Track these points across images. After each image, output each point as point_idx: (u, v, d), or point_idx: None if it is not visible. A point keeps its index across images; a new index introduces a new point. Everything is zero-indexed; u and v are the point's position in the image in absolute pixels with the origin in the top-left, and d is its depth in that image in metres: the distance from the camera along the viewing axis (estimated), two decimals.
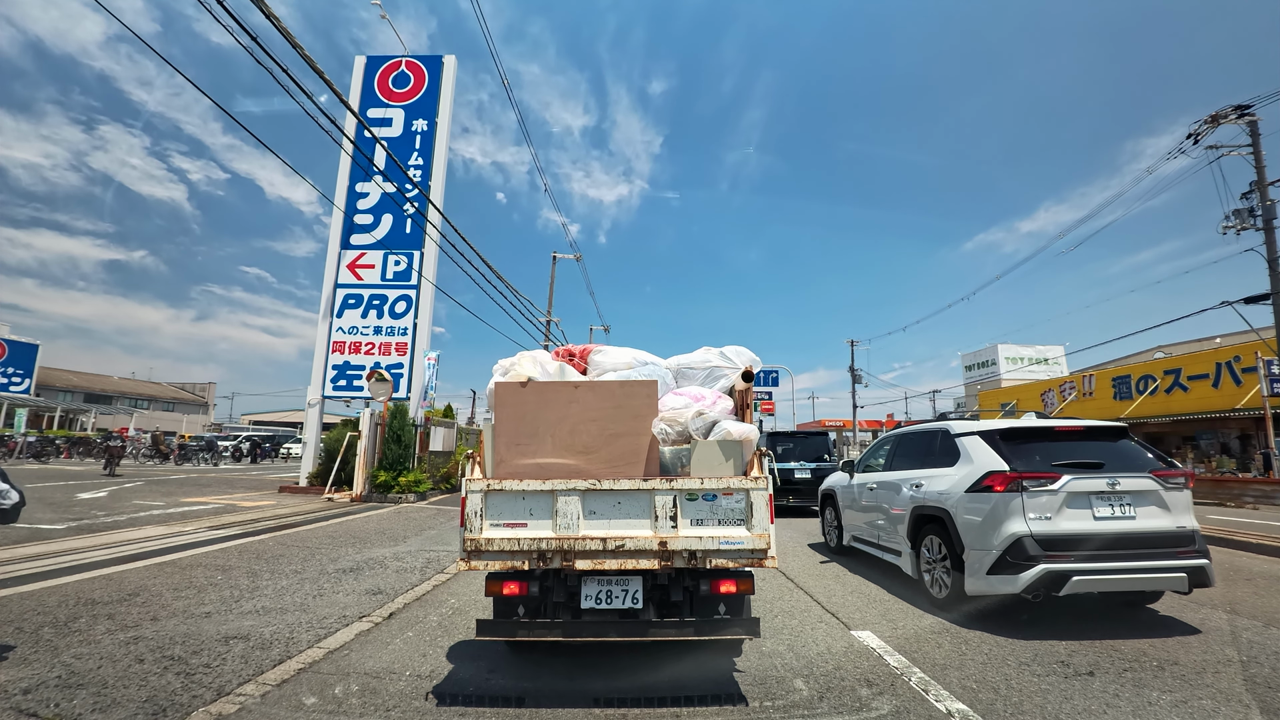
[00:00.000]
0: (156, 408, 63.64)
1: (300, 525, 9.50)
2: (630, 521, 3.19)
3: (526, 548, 3.12)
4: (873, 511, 6.74)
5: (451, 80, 17.34)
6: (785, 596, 5.48)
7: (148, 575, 5.77)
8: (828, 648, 4.01)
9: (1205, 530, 9.16)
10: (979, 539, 4.70)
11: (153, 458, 27.83)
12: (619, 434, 3.51)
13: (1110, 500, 4.60)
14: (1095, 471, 4.69)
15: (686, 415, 3.64)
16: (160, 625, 4.24)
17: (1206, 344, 31.26)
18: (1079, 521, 4.54)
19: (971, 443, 5.25)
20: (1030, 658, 3.84)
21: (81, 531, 8.25)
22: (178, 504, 11.78)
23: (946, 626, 4.54)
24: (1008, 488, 4.65)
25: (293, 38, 7.60)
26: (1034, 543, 4.44)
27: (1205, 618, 4.77)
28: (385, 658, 3.72)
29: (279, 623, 4.37)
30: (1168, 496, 4.64)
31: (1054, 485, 4.59)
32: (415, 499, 13.67)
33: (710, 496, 3.20)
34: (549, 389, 3.67)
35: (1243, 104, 17.99)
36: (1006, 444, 5.05)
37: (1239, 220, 18.49)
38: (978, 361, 46.70)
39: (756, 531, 3.12)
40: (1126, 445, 5.05)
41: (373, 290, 16.34)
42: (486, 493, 3.20)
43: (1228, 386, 24.11)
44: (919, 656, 3.84)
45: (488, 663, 3.64)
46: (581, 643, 3.58)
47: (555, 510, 3.17)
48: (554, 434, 3.50)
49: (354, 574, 6.08)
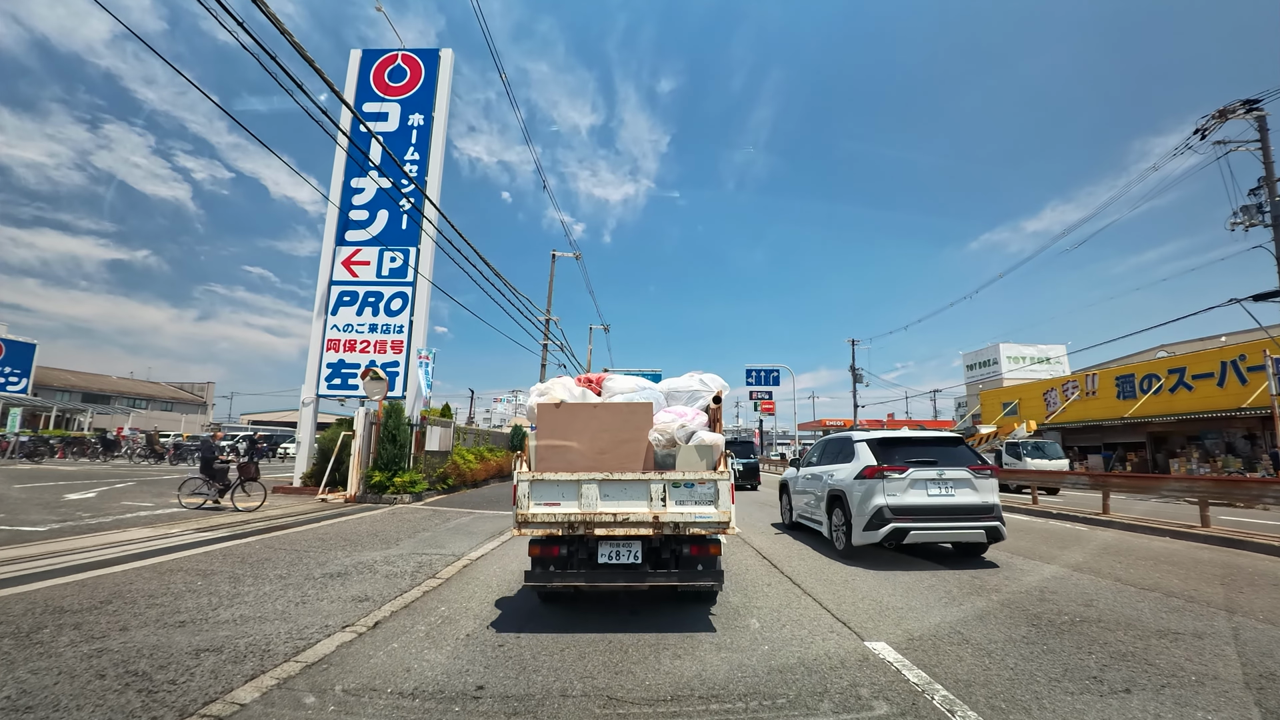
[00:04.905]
0: (155, 407, 63.34)
1: (291, 527, 9.25)
2: (633, 502, 4.33)
3: (560, 519, 4.29)
4: (807, 495, 9.14)
5: (449, 74, 17.07)
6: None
7: (125, 580, 5.51)
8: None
9: (1218, 533, 8.97)
10: (859, 509, 7.11)
11: (148, 457, 27.57)
12: (625, 440, 4.72)
13: (939, 484, 7.02)
14: (931, 466, 7.09)
15: (673, 427, 4.77)
16: (129, 636, 3.98)
17: (1211, 343, 30.98)
18: (917, 498, 6.94)
19: (861, 447, 7.61)
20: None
21: (64, 534, 8.00)
22: (168, 505, 11.52)
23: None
24: (875, 475, 7.07)
25: (280, 23, 7.35)
26: (889, 511, 6.84)
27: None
28: (366, 672, 3.46)
29: (256, 633, 4.11)
30: (978, 483, 7.04)
31: (902, 475, 6.98)
32: (411, 500, 13.41)
33: (690, 485, 4.35)
34: (575, 408, 4.90)
35: (1251, 99, 17.73)
36: (879, 447, 7.40)
37: (1247, 217, 18.22)
38: (979, 361, 46.45)
39: (722, 509, 4.31)
40: (959, 449, 7.39)
41: (368, 287, 16.08)
42: (532, 481, 4.33)
43: (1233, 385, 23.84)
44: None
45: (475, 677, 3.39)
46: (595, 591, 4.99)
47: (580, 494, 4.31)
48: (579, 440, 4.69)
49: (341, 579, 5.83)
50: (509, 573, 6.33)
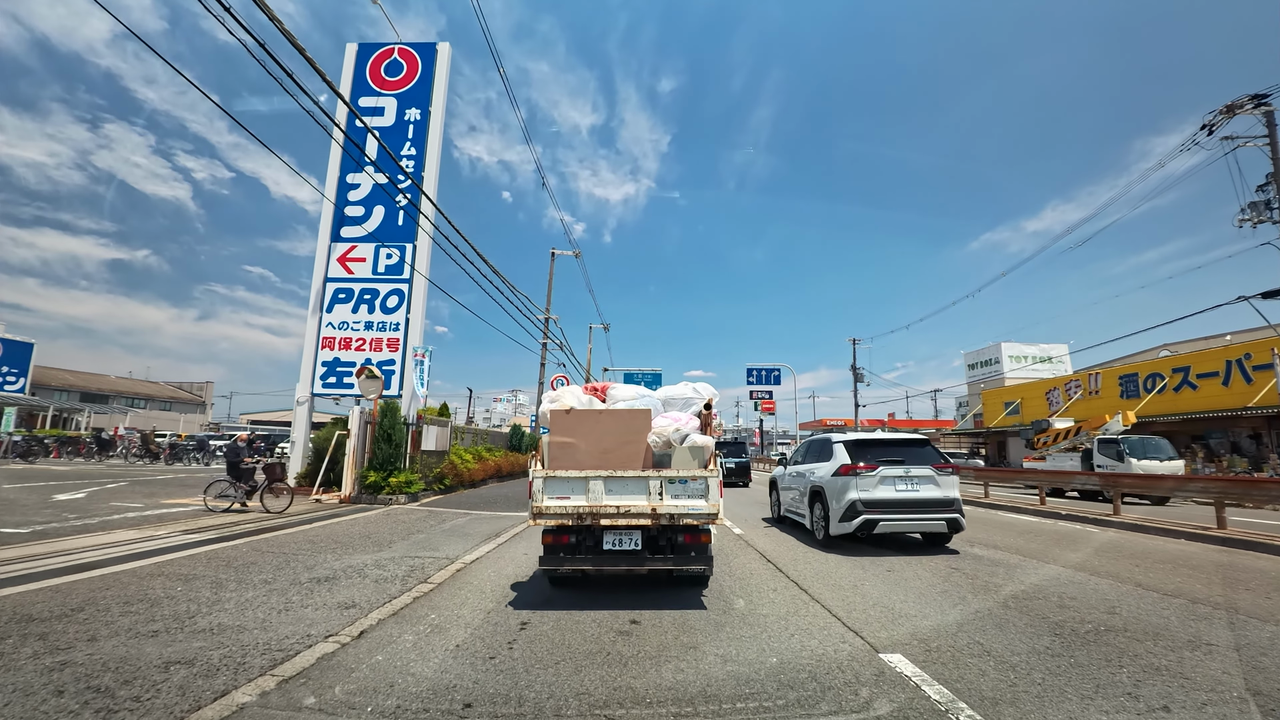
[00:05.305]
0: (153, 407, 63.05)
1: (281, 529, 9.00)
2: (634, 496, 4.87)
3: (570, 511, 4.83)
4: (793, 490, 10.03)
5: (445, 68, 16.82)
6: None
7: (101, 586, 5.27)
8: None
9: (1235, 535, 8.75)
10: (836, 502, 7.95)
11: (143, 457, 27.31)
12: (627, 442, 5.22)
13: (906, 481, 7.86)
14: (899, 465, 7.91)
15: (669, 431, 5.30)
16: (97, 647, 3.74)
17: (1215, 342, 30.74)
18: (886, 492, 7.78)
19: (838, 447, 8.46)
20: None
21: (47, 536, 7.76)
22: (158, 506, 11.29)
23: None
24: (849, 473, 7.91)
25: (270, 10, 7.10)
26: (861, 504, 7.67)
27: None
28: (347, 688, 3.22)
29: (233, 644, 3.87)
30: (940, 479, 7.90)
31: (873, 473, 7.81)
32: (406, 500, 13.17)
33: (684, 481, 4.87)
34: (583, 414, 5.40)
35: (1260, 93, 17.45)
36: (854, 448, 8.23)
37: (1255, 213, 17.96)
38: (981, 360, 46.14)
39: (712, 503, 4.84)
40: (924, 450, 8.21)
41: (364, 284, 15.82)
42: (545, 479, 4.89)
43: (1238, 385, 23.59)
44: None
45: (463, 693, 3.15)
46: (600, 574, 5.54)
47: (587, 489, 4.86)
48: (586, 442, 5.21)
49: (329, 584, 5.59)
50: (504, 577, 6.09)
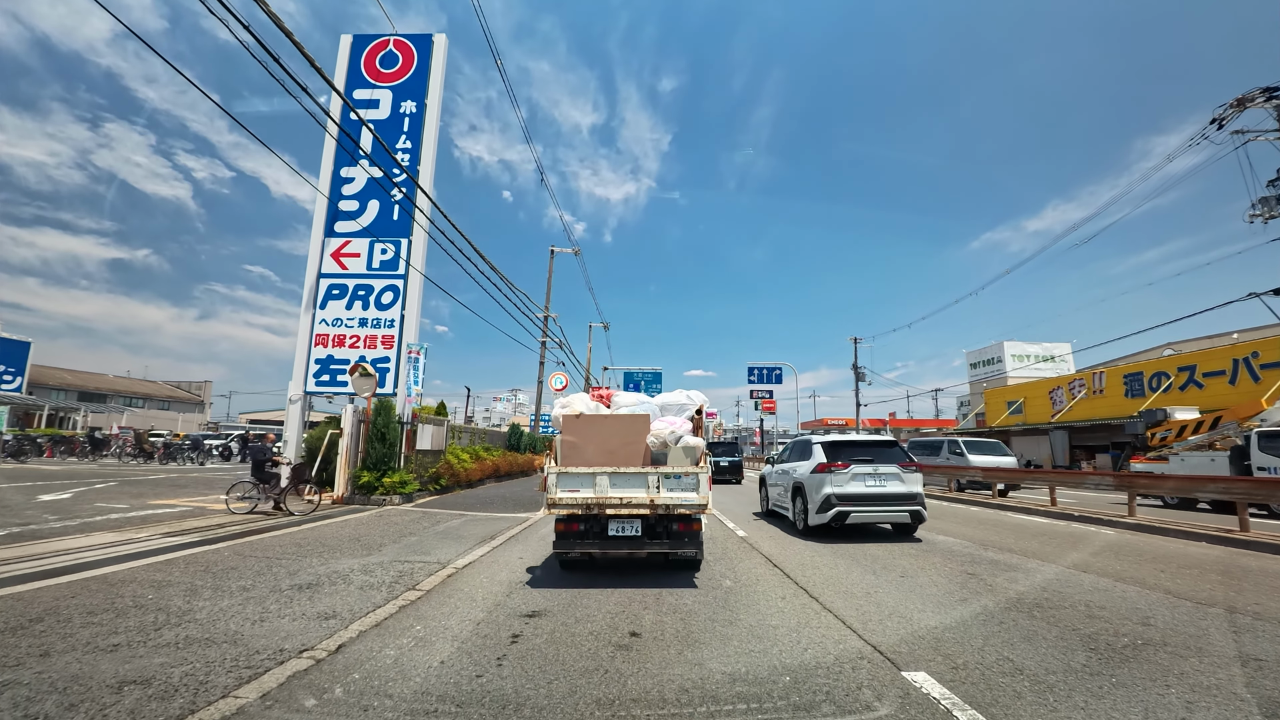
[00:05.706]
0: (151, 406, 62.73)
1: (268, 531, 8.68)
2: (635, 489, 5.60)
3: (579, 502, 5.61)
4: (778, 486, 11.02)
5: (442, 61, 16.49)
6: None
7: (66, 594, 4.95)
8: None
9: (1259, 537, 8.45)
10: (814, 496, 8.88)
11: (136, 457, 26.99)
12: (629, 443, 6.00)
13: (874, 477, 8.79)
14: (869, 463, 8.85)
15: (666, 433, 6.07)
16: (47, 664, 3.42)
17: (1220, 340, 30.42)
18: (857, 488, 8.71)
19: (816, 447, 9.38)
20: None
21: (22, 539, 7.44)
22: (144, 506, 10.97)
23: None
24: (825, 470, 8.85)
25: (265, 4, 6.77)
26: (835, 498, 8.61)
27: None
28: (316, 713, 2.91)
29: (197, 660, 3.55)
30: (905, 476, 8.83)
31: (846, 470, 8.77)
32: (400, 501, 12.85)
33: (678, 476, 5.62)
34: (590, 418, 6.21)
35: (1271, 86, 17.12)
36: (830, 448, 9.18)
37: (1266, 208, 17.63)
38: (983, 359, 45.82)
39: (702, 495, 5.60)
40: (893, 450, 9.15)
41: (358, 280, 15.50)
42: (558, 474, 5.65)
43: (1245, 383, 23.26)
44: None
45: (447, 718, 2.84)
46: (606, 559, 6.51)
47: (595, 483, 5.59)
48: (593, 443, 5.98)
49: (310, 592, 5.27)
50: (497, 583, 5.78)
